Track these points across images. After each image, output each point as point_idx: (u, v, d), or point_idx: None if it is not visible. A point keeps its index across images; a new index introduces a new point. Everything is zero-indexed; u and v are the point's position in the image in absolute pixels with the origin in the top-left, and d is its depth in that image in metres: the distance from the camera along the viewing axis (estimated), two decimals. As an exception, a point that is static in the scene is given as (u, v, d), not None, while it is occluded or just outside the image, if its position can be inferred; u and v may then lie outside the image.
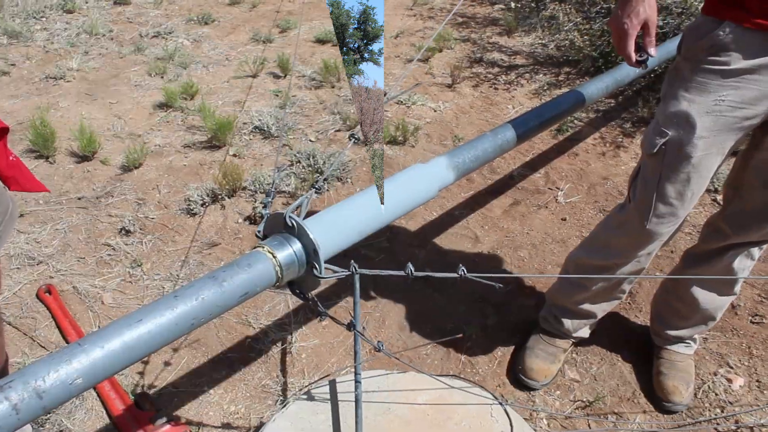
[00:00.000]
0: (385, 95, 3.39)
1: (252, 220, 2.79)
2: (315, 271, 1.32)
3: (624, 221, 1.84)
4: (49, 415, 1.99)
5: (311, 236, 1.29)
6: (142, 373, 2.15)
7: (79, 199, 2.91)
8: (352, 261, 1.32)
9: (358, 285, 1.53)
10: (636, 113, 3.62)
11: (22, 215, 2.79)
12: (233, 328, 2.33)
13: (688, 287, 1.97)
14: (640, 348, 2.25)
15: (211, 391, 2.11)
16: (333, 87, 3.96)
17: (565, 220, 2.87)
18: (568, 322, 2.13)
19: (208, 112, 3.30)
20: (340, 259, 1.37)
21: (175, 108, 3.63)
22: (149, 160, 3.18)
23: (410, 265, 1.32)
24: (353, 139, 1.57)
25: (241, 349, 2.26)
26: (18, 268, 2.53)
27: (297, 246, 1.30)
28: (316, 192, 1.36)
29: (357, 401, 1.65)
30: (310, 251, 1.30)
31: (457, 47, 4.57)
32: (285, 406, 1.77)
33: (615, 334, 2.31)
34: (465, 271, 1.33)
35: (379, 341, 1.54)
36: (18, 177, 1.57)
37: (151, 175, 3.07)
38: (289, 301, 2.44)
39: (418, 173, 1.58)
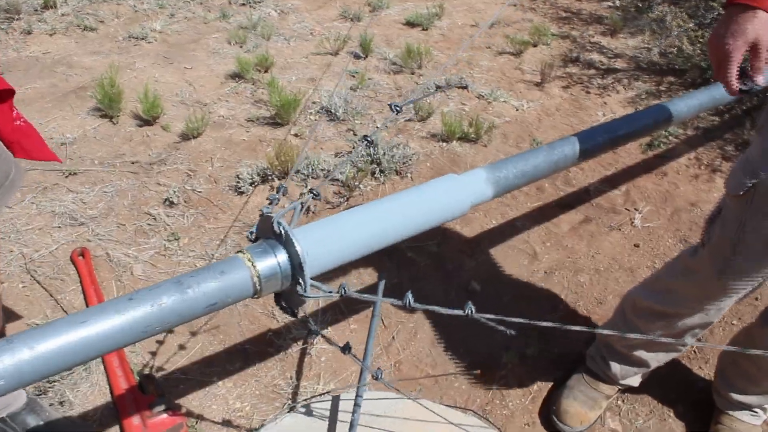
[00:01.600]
0: (465, 87, 3.15)
1: (300, 206, 2.65)
2: (299, 288, 1.16)
3: (694, 268, 1.58)
4: (52, 384, 1.94)
5: (298, 248, 1.12)
6: (154, 353, 2.06)
7: (133, 163, 2.86)
8: (343, 283, 1.15)
9: (378, 312, 1.37)
10: (741, 135, 3.23)
11: (74, 174, 2.77)
12: (257, 319, 2.21)
13: (764, 346, 1.68)
14: (698, 406, 1.98)
15: (220, 383, 2.00)
16: (413, 73, 3.76)
17: (638, 246, 2.58)
18: (616, 367, 1.88)
19: (275, 87, 3.18)
20: (379, 258, 1.19)
21: (246, 79, 3.54)
22: (209, 131, 3.10)
23: (409, 295, 1.13)
24: (395, 110, 1.38)
25: (260, 343, 2.13)
26: (59, 227, 2.51)
27: (282, 256, 1.14)
28: (313, 197, 1.19)
29: (352, 426, 1.49)
30: (296, 264, 1.14)
31: (554, 43, 4.26)
32: (280, 416, 1.63)
33: (670, 385, 2.03)
34: (473, 309, 1.13)
35: (378, 369, 1.36)
36: (24, 143, 1.49)
37: (208, 147, 2.99)
38: (321, 300, 2.30)
39: (449, 184, 1.38)
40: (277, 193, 1.32)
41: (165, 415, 1.83)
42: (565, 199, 2.83)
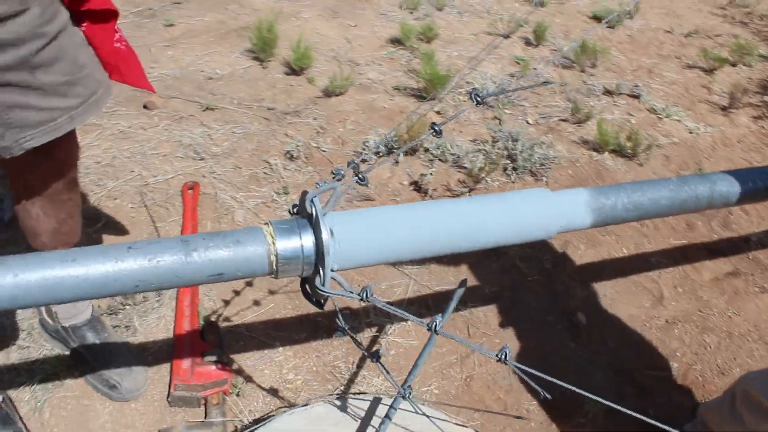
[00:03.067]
0: (637, 97, 2.82)
1: (418, 186, 2.51)
2: (318, 279, 1.02)
3: None
4: (124, 306, 1.96)
5: (324, 234, 0.98)
6: (227, 302, 2.03)
7: (269, 109, 2.85)
8: (368, 285, 0.99)
9: (432, 342, 1.19)
10: None
11: (212, 109, 2.81)
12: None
13: None
14: None
15: (281, 348, 1.93)
16: (583, 71, 3.44)
17: (791, 319, 2.17)
18: (714, 454, 1.57)
19: (430, 59, 3.03)
20: (484, 256, 1.04)
21: (405, 47, 3.42)
22: (353, 92, 3.02)
23: (438, 319, 0.95)
24: (475, 99, 1.19)
25: (333, 318, 2.03)
26: (181, 157, 2.55)
27: (309, 239, 1.00)
28: (358, 181, 1.04)
29: (377, 440, 1.35)
30: (321, 252, 1.00)
31: (758, 66, 3.72)
32: (310, 404, 1.52)
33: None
34: (508, 354, 0.93)
35: (409, 386, 1.20)
36: (121, 66, 1.46)
37: (347, 107, 2.92)
38: (410, 287, 2.15)
39: (538, 200, 1.17)
40: (350, 166, 1.18)
41: (213, 367, 1.78)
42: (717, 244, 2.45)
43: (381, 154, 2.62)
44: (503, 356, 0.93)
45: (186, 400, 1.74)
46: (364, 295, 0.99)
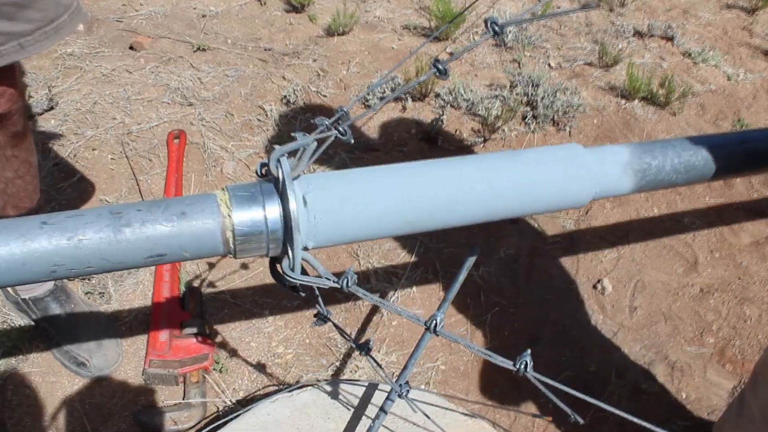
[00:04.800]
0: (670, 39, 2.53)
1: (427, 136, 2.27)
2: (286, 261, 0.80)
3: None
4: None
5: (292, 203, 0.76)
6: (212, 265, 1.83)
7: (266, 50, 2.60)
8: (348, 270, 0.77)
9: (427, 339, 0.99)
10: None
11: (203, 50, 2.56)
12: (336, 254, 1.90)
13: None
14: None
15: (270, 318, 1.74)
16: (611, 10, 3.14)
17: (841, 288, 1.95)
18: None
19: (442, -5, 2.74)
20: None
21: (416, -18, 3.13)
22: (358, 30, 2.75)
23: (438, 317, 0.73)
24: (491, 28, 0.95)
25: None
26: (168, 103, 2.32)
27: (274, 210, 0.78)
28: (339, 135, 0.81)
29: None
30: (289, 227, 0.78)
31: (807, 5, 3.39)
32: (296, 389, 1.32)
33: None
34: (528, 363, 0.72)
35: (406, 383, 0.99)
36: None
37: (350, 47, 2.66)
38: (417, 249, 1.94)
39: (568, 159, 0.93)
40: (338, 114, 0.94)
41: (193, 340, 1.60)
42: (757, 204, 2.20)
43: (386, 99, 2.37)
44: (523, 366, 0.72)
45: (162, 378, 1.55)
46: (344, 283, 0.77)
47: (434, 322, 0.74)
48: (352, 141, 0.81)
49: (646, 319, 1.82)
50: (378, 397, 1.31)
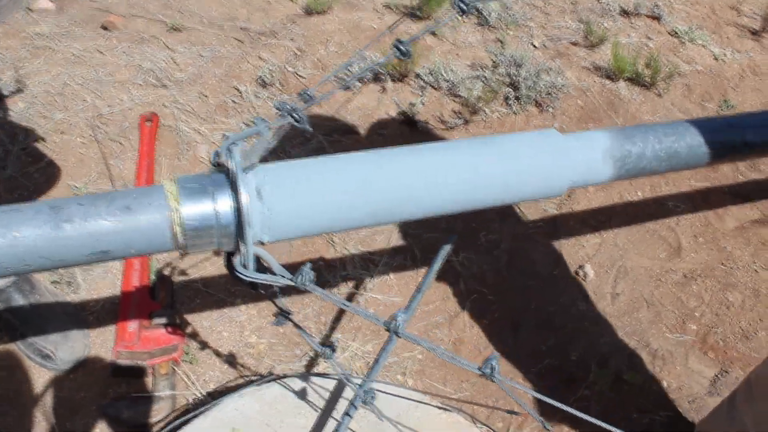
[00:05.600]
0: (657, 18, 2.47)
1: (406, 117, 2.21)
2: (238, 257, 0.75)
3: None
4: (65, 260, 1.71)
5: (243, 195, 0.71)
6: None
7: (242, 29, 2.52)
8: (304, 267, 0.73)
9: (393, 342, 0.94)
10: None
11: (178, 30, 2.48)
12: (311, 241, 1.85)
13: None
14: None
15: (242, 307, 1.69)
16: (598, -12, 3.07)
17: (826, 273, 1.92)
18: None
19: (424, -27, 2.67)
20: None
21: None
22: (337, 10, 2.68)
23: (399, 317, 0.69)
24: (458, 5, 0.89)
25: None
26: (141, 84, 2.24)
27: (225, 203, 0.73)
28: (295, 122, 0.76)
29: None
30: (241, 221, 0.73)
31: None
32: (264, 382, 1.28)
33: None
34: (495, 367, 0.67)
35: (370, 389, 0.94)
36: None
37: (329, 27, 2.58)
38: (394, 235, 1.89)
39: (544, 146, 0.89)
40: (302, 97, 0.88)
41: (163, 331, 1.55)
42: (743, 187, 2.17)
43: (366, 81, 2.32)
44: (489, 370, 0.67)
45: (130, 370, 1.50)
46: (300, 280, 0.73)
47: (395, 323, 0.69)
48: (309, 128, 0.75)
49: (628, 305, 1.79)
50: (349, 391, 1.26)
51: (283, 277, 0.73)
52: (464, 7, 0.73)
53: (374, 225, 0.82)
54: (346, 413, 1.14)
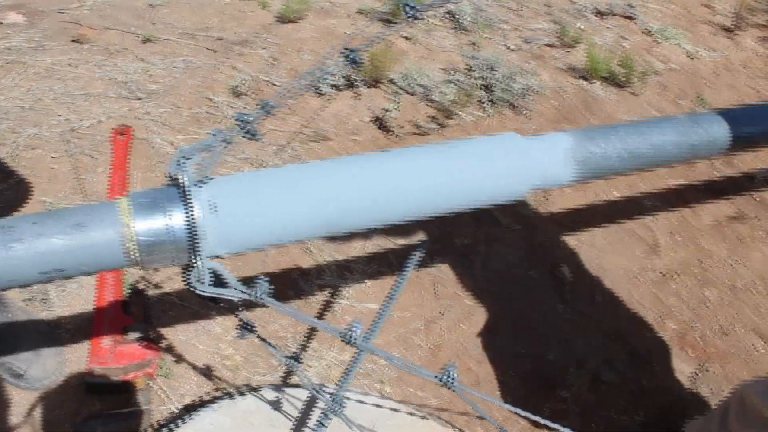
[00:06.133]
0: (630, 18, 2.49)
1: (380, 123, 2.21)
2: (192, 272, 0.74)
3: None
4: (38, 277, 1.69)
5: (195, 210, 0.71)
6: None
7: (216, 39, 2.51)
8: (260, 278, 0.72)
9: (362, 357, 0.93)
10: None
11: (151, 41, 2.47)
12: (287, 250, 1.84)
13: None
14: None
15: (218, 319, 1.67)
16: (571, -11, 3.09)
17: (802, 268, 1.93)
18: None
19: (397, -21, 2.67)
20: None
21: (372, -35, 3.05)
22: (311, 17, 2.67)
23: (355, 328, 0.68)
24: (407, 11, 0.88)
25: (281, 280, 1.77)
26: (114, 97, 2.23)
27: (179, 217, 0.72)
28: (246, 135, 0.75)
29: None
30: (193, 236, 0.72)
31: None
32: (239, 395, 1.27)
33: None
34: (454, 377, 0.67)
35: (339, 399, 0.93)
36: None
37: (303, 34, 2.58)
38: (370, 242, 1.89)
39: (504, 149, 0.88)
40: (262, 109, 0.87)
41: (137, 345, 1.53)
42: (718, 184, 2.18)
43: (340, 87, 2.31)
44: (447, 378, 0.67)
45: (104, 387, 1.49)
46: (255, 294, 0.72)
47: (351, 334, 0.69)
48: (261, 140, 0.75)
49: (606, 305, 1.79)
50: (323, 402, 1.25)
51: (237, 290, 0.72)
52: (415, 14, 0.72)
53: (332, 234, 0.81)
54: (320, 423, 1.13)
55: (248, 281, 0.74)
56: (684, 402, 1.59)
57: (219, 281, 0.78)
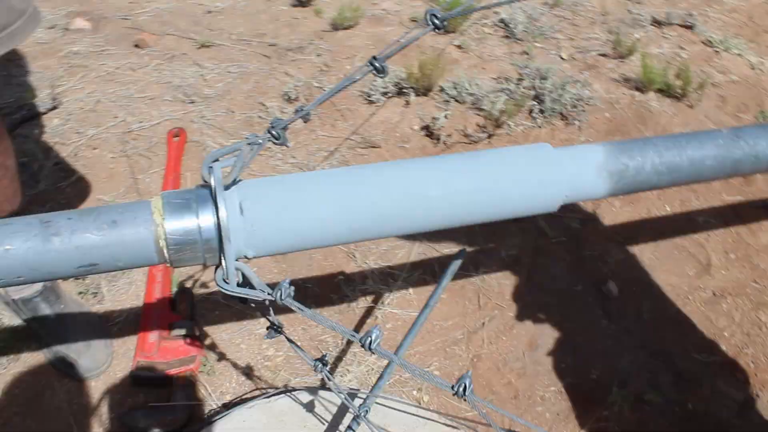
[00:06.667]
0: (690, 27, 2.45)
1: (429, 131, 2.21)
2: (219, 271, 0.76)
3: None
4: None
5: (222, 211, 0.73)
6: (205, 265, 1.80)
7: (270, 45, 2.56)
8: (283, 282, 0.73)
9: (391, 366, 0.93)
10: None
11: (207, 46, 2.54)
12: (332, 255, 1.86)
13: None
14: None
15: (261, 320, 1.71)
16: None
17: None
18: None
19: (452, -13, 2.67)
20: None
21: (431, -27, 3.06)
22: (364, 24, 2.70)
23: (373, 333, 0.69)
24: (431, 21, 0.88)
25: (325, 284, 1.79)
26: (170, 100, 2.30)
27: (208, 218, 0.74)
28: (272, 139, 0.77)
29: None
30: (221, 236, 0.74)
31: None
32: (274, 395, 1.29)
33: None
34: (468, 386, 0.67)
35: (364, 405, 0.94)
36: None
37: (356, 42, 2.61)
38: (414, 250, 1.89)
39: (535, 161, 0.88)
40: (297, 114, 0.89)
41: (182, 342, 1.57)
42: (778, 201, 2.10)
43: (390, 95, 2.33)
44: (461, 389, 0.67)
45: (149, 380, 1.53)
46: (278, 295, 0.73)
47: (369, 339, 0.69)
48: (289, 145, 0.77)
49: (653, 324, 1.74)
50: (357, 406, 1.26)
51: (262, 291, 0.74)
52: (437, 23, 0.73)
53: (360, 240, 0.82)
54: (349, 427, 1.14)
55: (294, 284, 0.76)
56: (732, 429, 1.54)
57: (246, 282, 0.80)
